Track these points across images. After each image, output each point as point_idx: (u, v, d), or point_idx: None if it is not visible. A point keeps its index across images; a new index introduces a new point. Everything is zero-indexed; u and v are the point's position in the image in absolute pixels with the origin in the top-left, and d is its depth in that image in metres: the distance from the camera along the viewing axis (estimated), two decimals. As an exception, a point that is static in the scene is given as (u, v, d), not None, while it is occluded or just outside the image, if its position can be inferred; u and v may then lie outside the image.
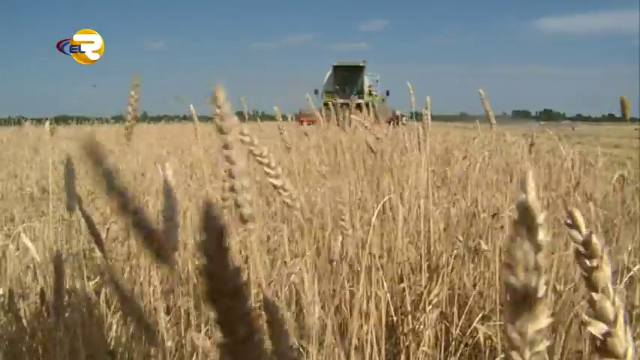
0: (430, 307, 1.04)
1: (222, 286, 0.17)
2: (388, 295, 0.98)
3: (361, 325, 0.95)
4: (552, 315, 0.93)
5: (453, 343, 1.08)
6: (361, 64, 15.63)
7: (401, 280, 1.16)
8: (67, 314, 0.93)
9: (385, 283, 0.98)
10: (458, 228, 1.31)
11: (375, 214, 0.90)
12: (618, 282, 1.03)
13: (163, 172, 0.46)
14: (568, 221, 0.19)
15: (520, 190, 0.18)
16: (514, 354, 0.18)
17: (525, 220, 0.17)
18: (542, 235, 0.17)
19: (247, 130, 0.43)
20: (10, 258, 1.15)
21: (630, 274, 0.96)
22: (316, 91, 14.89)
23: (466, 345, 1.06)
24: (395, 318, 1.08)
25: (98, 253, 1.17)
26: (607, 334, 0.18)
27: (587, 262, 0.19)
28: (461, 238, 1.21)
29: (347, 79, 15.40)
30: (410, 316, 1.06)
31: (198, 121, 1.20)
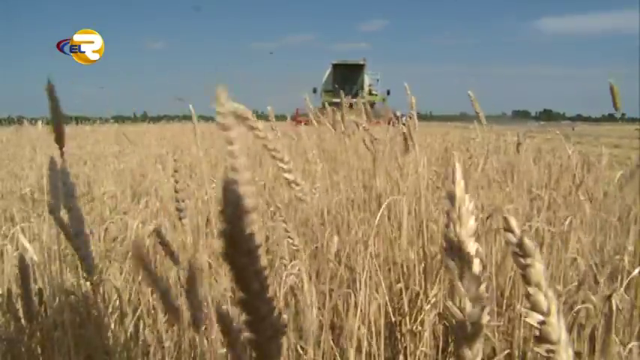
0: (428, 306, 1.03)
1: (240, 246, 0.20)
2: (386, 295, 0.98)
3: (359, 327, 0.95)
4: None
5: (452, 343, 1.07)
6: (361, 63, 15.25)
7: (398, 281, 1.16)
8: (64, 314, 0.93)
9: (383, 284, 0.98)
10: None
11: (379, 215, 0.90)
12: (618, 284, 1.03)
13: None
14: (504, 226, 0.21)
15: (450, 183, 0.22)
16: (457, 327, 0.21)
17: (456, 209, 0.21)
18: (471, 222, 0.21)
19: (261, 127, 0.43)
20: (8, 258, 1.15)
21: (632, 276, 0.96)
22: (315, 90, 14.61)
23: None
24: (393, 319, 1.07)
25: (95, 252, 1.17)
26: (542, 323, 0.21)
27: (522, 260, 0.21)
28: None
29: (347, 77, 14.90)
30: (408, 317, 1.06)
31: (197, 121, 1.20)
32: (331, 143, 1.86)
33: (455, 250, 0.22)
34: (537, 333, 0.21)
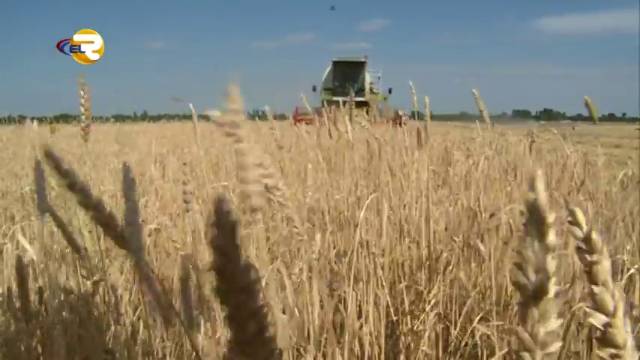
0: (429, 306, 1.03)
1: (234, 282, 0.17)
2: (387, 295, 0.98)
3: (361, 326, 0.94)
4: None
5: (453, 342, 1.07)
6: (362, 60, 14.66)
7: (400, 280, 1.15)
8: (64, 314, 0.93)
9: (385, 283, 0.98)
10: (459, 228, 1.30)
11: (385, 215, 0.89)
12: (619, 281, 1.02)
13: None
14: (569, 219, 0.20)
15: (530, 189, 0.18)
16: (526, 356, 0.18)
17: (535, 221, 0.18)
18: (552, 237, 0.18)
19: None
20: (8, 257, 1.14)
21: (630, 272, 0.96)
22: (314, 88, 13.96)
23: (466, 344, 1.06)
24: (395, 317, 1.07)
25: (93, 252, 1.17)
26: (607, 325, 0.19)
27: (588, 257, 0.20)
28: (461, 238, 1.21)
29: (347, 75, 14.39)
30: (409, 316, 1.06)
31: (197, 120, 1.20)
32: (333, 142, 1.86)
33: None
34: (600, 335, 0.19)
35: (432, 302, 1.03)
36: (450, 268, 1.16)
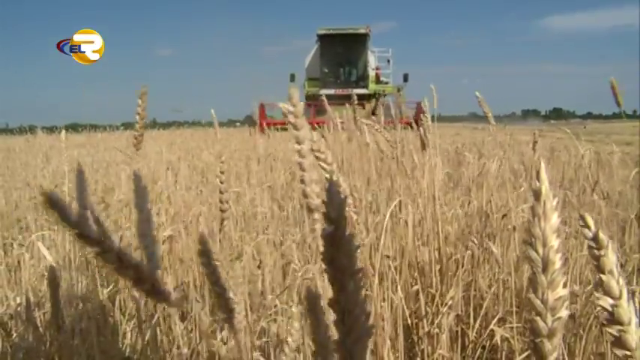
0: (446, 308, 1.03)
1: (340, 247, 0.20)
2: (402, 298, 0.97)
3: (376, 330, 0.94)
4: (571, 317, 0.92)
5: (470, 345, 1.07)
6: (363, 32, 9.59)
7: (415, 283, 1.15)
8: (82, 323, 0.94)
9: (399, 287, 0.97)
10: (471, 229, 1.30)
11: (388, 214, 0.89)
12: (635, 282, 1.02)
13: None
14: (582, 223, 0.24)
15: (535, 180, 0.22)
16: (538, 320, 0.22)
17: (540, 204, 0.22)
18: (555, 218, 0.22)
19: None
20: (25, 267, 1.15)
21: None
22: (292, 78, 9.53)
23: (483, 347, 1.05)
24: (410, 321, 1.07)
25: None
26: (614, 306, 0.23)
27: (596, 251, 0.23)
28: (474, 240, 1.20)
29: (342, 57, 9.84)
30: (425, 320, 1.05)
31: (202, 126, 1.20)
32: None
33: (539, 242, 0.22)
34: (609, 316, 0.23)
35: (449, 304, 1.02)
36: (464, 269, 1.16)
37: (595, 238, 0.23)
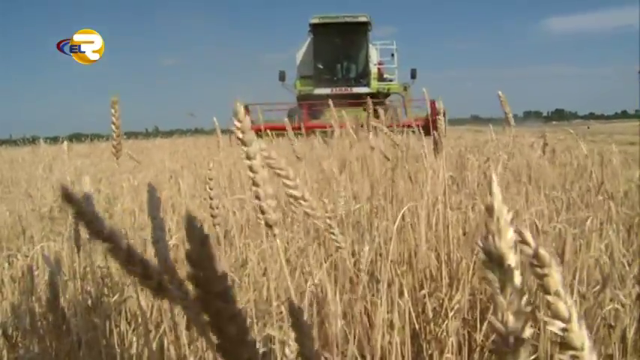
0: (452, 313, 1.02)
1: (211, 290, 0.18)
2: (409, 303, 0.97)
3: (383, 334, 0.94)
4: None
5: (477, 349, 1.06)
6: (362, 20, 8.26)
7: (421, 288, 1.14)
8: (88, 333, 0.93)
9: (406, 291, 0.97)
10: (477, 233, 1.29)
11: (397, 221, 0.89)
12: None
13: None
14: (519, 239, 0.22)
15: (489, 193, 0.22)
16: (499, 341, 0.21)
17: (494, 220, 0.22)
18: (510, 234, 0.22)
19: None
20: (30, 277, 1.15)
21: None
22: (282, 76, 8.57)
23: (490, 351, 1.05)
24: (417, 326, 1.06)
25: (115, 270, 1.17)
26: (564, 330, 0.21)
27: (540, 270, 0.21)
28: (480, 243, 1.20)
29: (339, 50, 8.56)
30: (432, 324, 1.05)
31: (203, 133, 1.20)
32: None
33: (495, 262, 0.22)
34: (560, 340, 0.21)
35: (455, 308, 1.02)
36: (471, 274, 1.15)
37: (536, 256, 0.21)
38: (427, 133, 1.35)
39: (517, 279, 0.21)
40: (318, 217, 0.50)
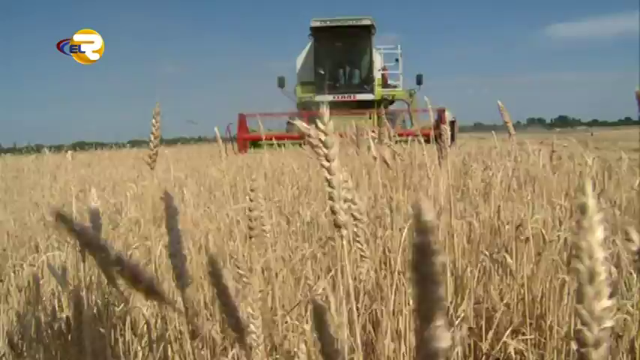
0: (458, 321, 1.02)
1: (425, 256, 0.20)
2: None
3: (389, 344, 0.94)
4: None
5: (483, 358, 1.06)
6: (366, 23, 7.88)
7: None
8: (94, 343, 0.93)
9: (411, 300, 0.97)
10: (481, 241, 1.30)
11: (406, 227, 0.89)
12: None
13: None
14: (625, 236, 0.26)
15: (580, 194, 0.22)
16: (584, 330, 0.22)
17: (586, 218, 0.22)
18: (599, 232, 0.22)
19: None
20: (35, 287, 1.15)
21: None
22: (282, 82, 8.23)
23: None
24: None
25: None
26: None
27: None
28: (485, 252, 1.20)
29: (341, 55, 8.20)
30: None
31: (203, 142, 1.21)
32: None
33: (585, 254, 0.22)
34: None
35: (462, 316, 1.02)
36: (476, 282, 1.15)
37: None
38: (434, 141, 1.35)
39: (604, 273, 0.22)
40: (363, 222, 0.52)
